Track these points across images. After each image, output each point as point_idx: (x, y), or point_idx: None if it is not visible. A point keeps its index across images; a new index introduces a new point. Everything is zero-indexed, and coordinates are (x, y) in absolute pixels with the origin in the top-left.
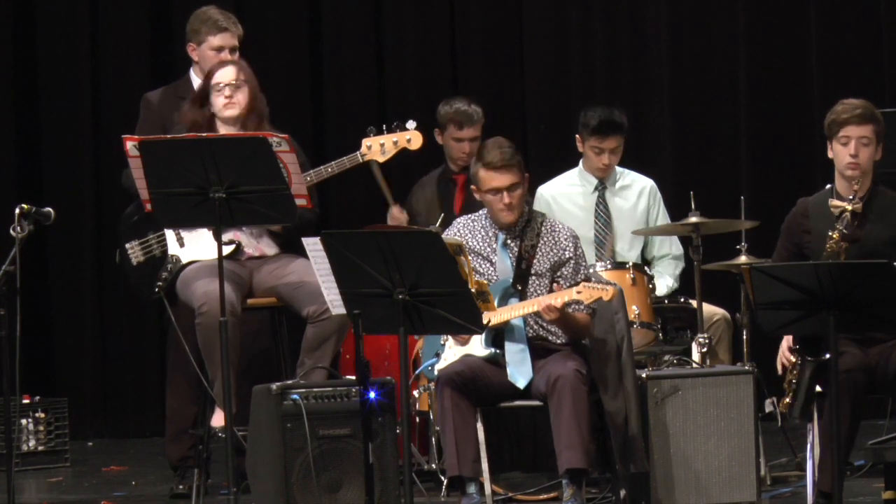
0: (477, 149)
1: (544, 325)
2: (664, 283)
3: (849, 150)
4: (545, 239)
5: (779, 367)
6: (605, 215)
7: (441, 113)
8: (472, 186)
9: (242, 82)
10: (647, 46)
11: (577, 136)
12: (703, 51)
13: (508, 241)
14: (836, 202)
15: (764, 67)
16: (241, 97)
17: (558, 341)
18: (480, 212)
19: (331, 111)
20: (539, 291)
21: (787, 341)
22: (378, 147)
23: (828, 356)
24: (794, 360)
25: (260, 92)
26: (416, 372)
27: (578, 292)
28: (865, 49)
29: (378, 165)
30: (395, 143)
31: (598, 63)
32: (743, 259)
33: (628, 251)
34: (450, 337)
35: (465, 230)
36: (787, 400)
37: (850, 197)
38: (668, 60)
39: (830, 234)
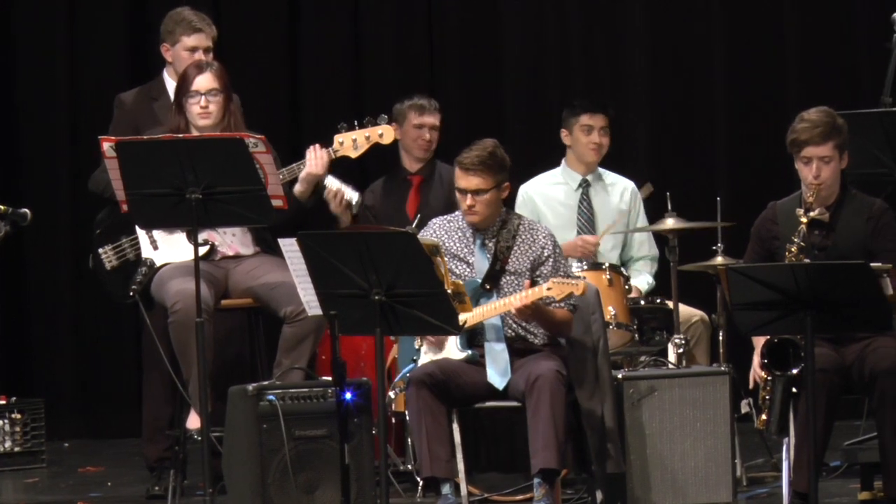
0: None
1: (523, 325)
2: (644, 279)
3: (811, 170)
4: (522, 238)
5: (751, 382)
6: (589, 213)
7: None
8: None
9: (218, 92)
10: (625, 48)
11: (562, 130)
12: (680, 52)
13: (487, 242)
14: (799, 211)
15: (741, 68)
16: (216, 108)
17: (538, 342)
18: (457, 212)
19: (307, 109)
20: (514, 291)
21: (758, 357)
22: (350, 143)
23: (795, 371)
24: (765, 376)
25: (235, 98)
26: (395, 381)
27: (549, 289)
28: (841, 50)
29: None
30: (368, 138)
31: (576, 64)
32: (719, 260)
33: (610, 251)
34: (424, 343)
35: (442, 231)
36: (764, 417)
37: (804, 210)
38: (645, 61)
39: (789, 246)
